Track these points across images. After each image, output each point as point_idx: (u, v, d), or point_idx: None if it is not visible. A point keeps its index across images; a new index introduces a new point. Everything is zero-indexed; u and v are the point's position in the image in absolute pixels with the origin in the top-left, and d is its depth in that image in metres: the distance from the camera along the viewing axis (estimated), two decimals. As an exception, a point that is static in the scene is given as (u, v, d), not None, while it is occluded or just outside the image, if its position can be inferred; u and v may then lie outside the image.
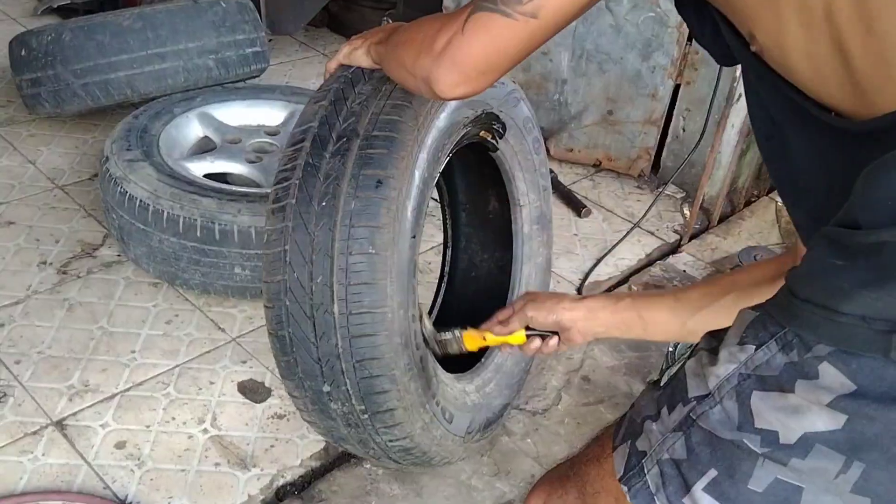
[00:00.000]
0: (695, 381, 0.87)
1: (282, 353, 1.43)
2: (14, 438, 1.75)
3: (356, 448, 1.59)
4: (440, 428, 1.59)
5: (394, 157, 1.35)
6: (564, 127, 3.03)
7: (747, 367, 0.81)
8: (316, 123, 1.39)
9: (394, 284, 1.36)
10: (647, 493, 0.89)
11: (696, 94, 2.82)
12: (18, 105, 2.95)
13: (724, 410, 0.82)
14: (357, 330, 1.35)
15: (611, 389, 2.13)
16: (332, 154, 1.35)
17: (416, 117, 1.38)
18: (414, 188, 1.39)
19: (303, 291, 1.35)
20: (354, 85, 1.41)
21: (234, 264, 2.08)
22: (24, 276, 2.20)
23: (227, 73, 2.80)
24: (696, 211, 2.75)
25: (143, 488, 1.68)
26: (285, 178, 1.37)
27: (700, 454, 0.84)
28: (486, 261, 2.04)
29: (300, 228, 1.34)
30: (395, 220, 1.35)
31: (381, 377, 1.39)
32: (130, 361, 1.98)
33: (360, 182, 1.33)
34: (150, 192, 2.08)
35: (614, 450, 0.96)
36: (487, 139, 1.71)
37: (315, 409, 1.49)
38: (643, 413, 0.94)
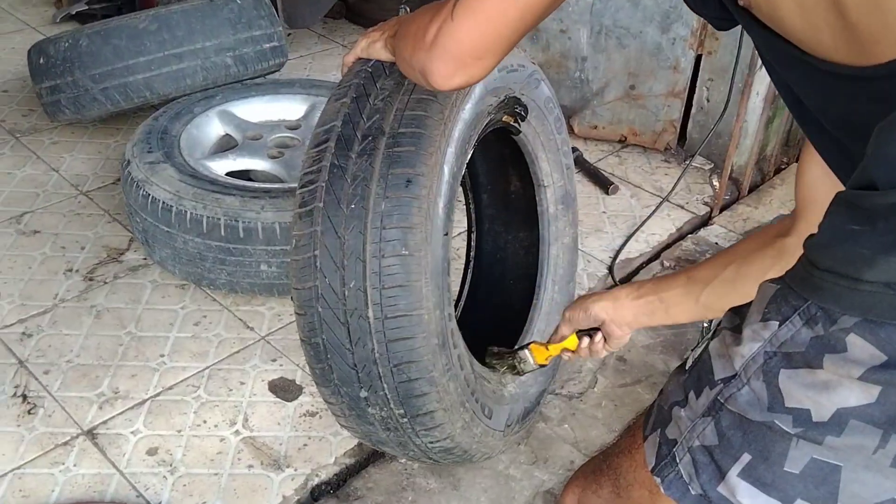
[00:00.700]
0: (720, 362, 0.84)
1: (316, 360, 1.40)
2: (45, 450, 1.75)
3: (395, 450, 1.58)
4: (480, 425, 1.56)
5: (422, 154, 1.31)
6: (587, 104, 2.97)
7: (772, 344, 0.78)
8: (339, 122, 1.35)
9: (429, 285, 1.33)
10: (680, 483, 0.87)
11: (718, 64, 2.75)
12: (40, 114, 2.96)
13: (753, 391, 0.79)
14: (393, 334, 1.33)
15: (647, 369, 2.09)
16: (359, 154, 1.32)
17: (442, 111, 1.35)
18: (444, 184, 1.36)
19: (335, 297, 1.32)
20: (376, 80, 1.37)
21: (259, 262, 2.06)
22: (50, 285, 2.21)
23: (246, 69, 2.78)
24: (725, 182, 2.69)
25: (177, 494, 1.67)
26: (311, 181, 1.34)
27: (732, 439, 0.82)
28: (511, 242, 2.02)
29: (329, 232, 1.31)
30: (426, 219, 1.32)
31: (419, 380, 1.37)
32: (160, 366, 1.98)
33: (390, 182, 1.30)
34: (173, 193, 2.07)
35: (644, 440, 0.94)
36: (511, 123, 1.67)
37: (352, 414, 1.47)
38: (671, 399, 0.91)
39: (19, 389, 1.88)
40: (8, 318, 2.09)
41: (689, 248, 2.55)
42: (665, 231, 2.61)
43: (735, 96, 2.65)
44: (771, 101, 2.66)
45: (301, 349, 2.00)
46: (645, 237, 2.58)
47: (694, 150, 2.87)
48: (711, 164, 2.91)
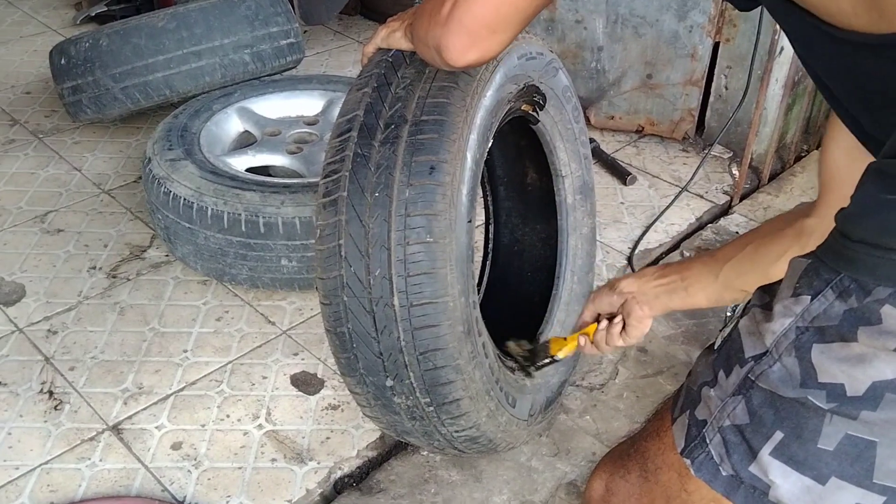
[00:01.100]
0: (750, 339, 0.83)
1: (341, 349, 1.40)
2: (71, 445, 1.77)
3: (420, 440, 1.57)
4: (505, 413, 1.56)
5: (445, 141, 1.31)
6: (604, 94, 2.96)
7: (804, 319, 0.76)
8: (361, 112, 1.35)
9: (454, 272, 1.33)
10: (711, 465, 0.85)
11: (736, 51, 2.73)
12: (62, 114, 2.99)
13: (785, 368, 0.78)
14: (419, 322, 1.32)
15: (669, 360, 2.08)
16: (382, 142, 1.32)
17: (464, 98, 1.34)
18: (467, 171, 1.36)
19: (361, 286, 1.32)
20: (396, 69, 1.37)
21: (280, 256, 2.08)
22: (75, 283, 2.24)
23: (264, 66, 2.79)
24: (745, 170, 2.67)
25: (201, 488, 1.69)
26: (334, 171, 1.34)
27: (763, 417, 0.80)
28: (528, 234, 2.01)
29: (354, 221, 1.31)
30: (450, 205, 1.31)
31: (445, 368, 1.36)
32: (183, 361, 2.00)
33: (413, 169, 1.29)
34: (194, 189, 2.09)
35: (673, 422, 0.92)
36: (529, 112, 1.67)
37: (378, 404, 1.47)
38: (699, 380, 0.90)
39: (46, 386, 1.91)
40: (34, 316, 2.11)
41: (709, 237, 2.54)
42: (684, 221, 2.60)
43: (754, 84, 2.63)
44: (791, 88, 2.63)
45: (323, 342, 2.03)
46: (664, 227, 2.56)
47: (712, 139, 2.85)
48: (730, 152, 2.89)
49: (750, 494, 0.82)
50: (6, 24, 3.86)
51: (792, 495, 0.80)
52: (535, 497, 1.73)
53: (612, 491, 1.04)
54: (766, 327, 0.80)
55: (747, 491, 0.82)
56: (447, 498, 1.70)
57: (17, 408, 1.85)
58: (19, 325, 2.08)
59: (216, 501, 1.66)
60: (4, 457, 1.74)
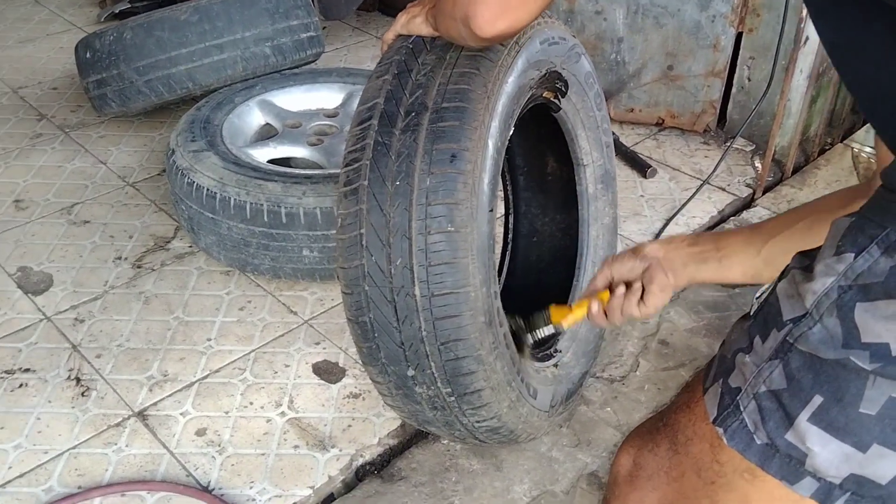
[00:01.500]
0: (789, 302, 0.79)
1: (363, 339, 1.40)
2: (98, 431, 1.80)
3: (441, 430, 1.57)
4: (526, 405, 1.56)
5: (466, 129, 1.30)
6: (623, 87, 2.95)
7: (847, 277, 0.73)
8: (382, 99, 1.34)
9: (475, 262, 1.32)
10: (744, 433, 0.82)
11: (759, 41, 2.71)
12: (88, 109, 3.03)
13: (826, 328, 0.74)
14: (440, 311, 1.32)
15: (691, 352, 2.08)
16: (402, 130, 1.31)
17: (485, 84, 1.33)
18: (488, 159, 1.35)
19: (382, 275, 1.32)
20: (417, 56, 1.36)
21: (301, 247, 2.09)
22: (101, 272, 2.26)
23: (284, 59, 2.81)
24: (768, 163, 2.66)
25: (225, 474, 1.71)
26: (355, 160, 1.33)
27: (802, 381, 0.76)
28: (548, 224, 2.01)
29: (375, 210, 1.30)
30: (472, 194, 1.30)
31: (466, 358, 1.36)
32: (207, 349, 2.02)
33: (434, 157, 1.29)
34: (217, 180, 2.11)
35: (705, 392, 0.89)
36: (551, 100, 1.66)
37: (399, 393, 1.47)
38: (734, 347, 0.86)
39: (73, 373, 1.94)
40: (61, 305, 2.15)
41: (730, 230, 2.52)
42: (706, 214, 2.59)
43: (778, 74, 2.62)
44: (815, 79, 2.61)
45: (344, 332, 2.04)
46: (685, 220, 2.55)
47: (735, 132, 2.84)
48: (753, 145, 2.87)
49: (785, 464, 0.79)
50: (33, 22, 3.91)
51: (830, 464, 0.76)
52: (556, 487, 1.73)
53: (639, 465, 1.01)
54: (806, 287, 0.77)
55: (782, 460, 0.79)
56: (468, 487, 1.71)
57: (45, 394, 1.88)
58: (47, 314, 2.12)
59: (240, 487, 1.68)
60: (34, 441, 1.77)
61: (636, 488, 1.02)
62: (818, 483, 0.78)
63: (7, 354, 1.99)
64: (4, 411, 1.83)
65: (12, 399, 1.86)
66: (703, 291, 2.27)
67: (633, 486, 1.02)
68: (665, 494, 0.97)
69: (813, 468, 0.78)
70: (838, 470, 0.77)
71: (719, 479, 0.88)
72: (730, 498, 0.88)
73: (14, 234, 2.41)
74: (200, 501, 1.64)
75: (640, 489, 1.01)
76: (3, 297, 2.17)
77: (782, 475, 0.80)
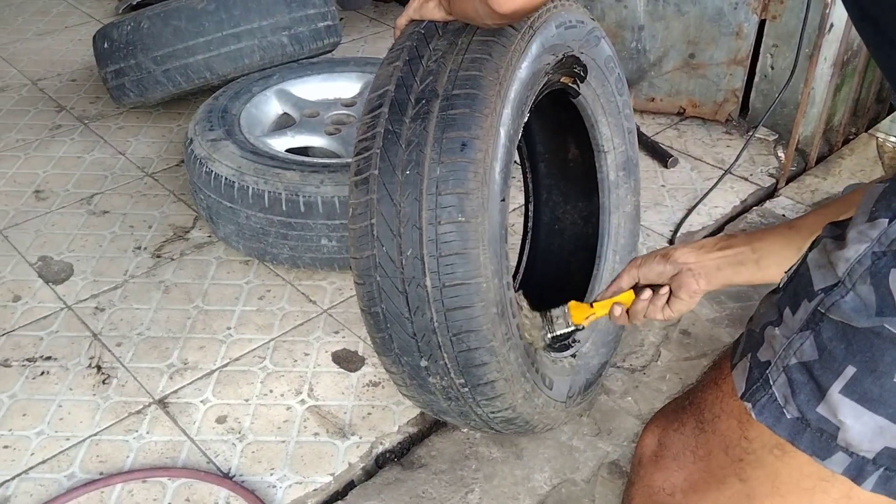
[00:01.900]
0: (820, 272, 0.76)
1: (376, 329, 1.39)
2: (119, 418, 1.80)
3: (456, 420, 1.56)
4: (541, 395, 1.54)
5: (477, 116, 1.27)
6: (644, 75, 2.93)
7: (881, 243, 0.71)
8: (392, 87, 1.32)
9: (486, 252, 1.30)
10: (774, 407, 0.79)
11: (783, 29, 2.67)
12: (106, 100, 3.04)
13: (859, 297, 0.72)
14: (452, 303, 1.30)
15: (713, 342, 2.06)
16: (413, 118, 1.29)
17: (497, 70, 1.30)
18: (500, 147, 1.32)
19: (393, 266, 1.30)
20: (428, 41, 1.34)
21: (320, 236, 2.09)
22: (120, 262, 2.27)
23: (302, 48, 2.80)
24: (791, 152, 2.62)
25: (246, 461, 1.71)
26: (366, 148, 1.32)
27: (834, 351, 0.74)
28: (570, 212, 1.98)
29: (385, 200, 1.28)
30: (483, 183, 1.28)
31: (479, 349, 1.34)
32: (226, 338, 2.02)
33: (444, 146, 1.26)
34: (235, 169, 2.11)
35: (733, 368, 0.86)
36: (569, 85, 1.63)
37: (413, 383, 1.45)
38: (763, 321, 0.84)
39: (94, 361, 1.94)
40: (82, 294, 2.15)
41: (754, 220, 2.50)
42: (728, 203, 2.56)
43: (802, 62, 2.58)
44: (840, 68, 2.57)
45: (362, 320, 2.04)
46: (707, 210, 2.53)
47: (757, 121, 2.80)
48: (776, 134, 2.84)
49: (816, 438, 0.77)
50: (51, 14, 3.93)
51: (863, 437, 0.74)
52: (577, 476, 1.72)
53: (664, 445, 0.99)
54: (838, 255, 0.75)
55: (813, 435, 0.77)
56: (488, 475, 1.70)
57: (66, 382, 1.88)
58: (68, 303, 2.12)
59: (260, 473, 1.68)
60: (56, 428, 1.77)
61: (661, 468, 0.99)
62: (850, 458, 0.76)
63: (29, 343, 1.99)
64: (26, 399, 1.84)
65: (34, 387, 1.87)
66: (725, 281, 2.25)
67: (658, 466, 1.00)
68: (691, 474, 0.95)
69: (845, 442, 0.76)
70: (871, 444, 0.74)
71: (748, 455, 0.86)
72: (758, 475, 0.85)
73: (34, 224, 2.42)
74: (221, 488, 1.64)
75: (665, 469, 0.99)
76: (25, 286, 2.18)
77: (813, 450, 0.78)
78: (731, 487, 0.89)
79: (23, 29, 3.77)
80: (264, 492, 1.64)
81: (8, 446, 1.73)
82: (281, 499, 1.63)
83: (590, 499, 1.67)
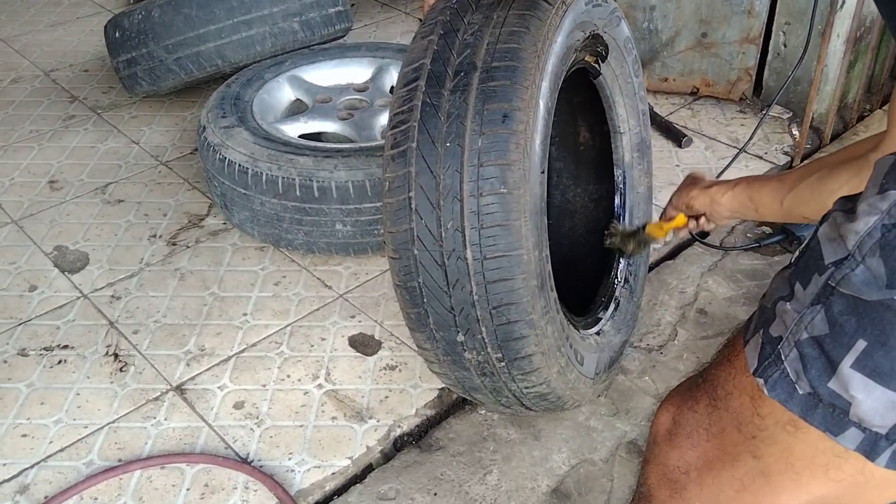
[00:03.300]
0: (831, 245, 0.76)
1: (412, 304, 1.38)
2: (137, 405, 1.81)
3: (487, 397, 1.55)
4: (574, 371, 1.53)
5: (517, 88, 1.27)
6: (657, 56, 2.90)
7: (891, 216, 0.71)
8: (428, 60, 1.32)
9: (528, 224, 1.29)
10: (786, 383, 0.79)
11: (795, 6, 2.65)
12: (119, 90, 3.04)
13: (869, 269, 0.72)
14: (493, 275, 1.29)
15: (730, 321, 2.05)
16: (451, 91, 1.28)
17: (535, 43, 1.30)
18: (540, 119, 1.31)
19: (432, 239, 1.30)
20: (462, 15, 1.34)
21: (335, 221, 2.09)
22: (136, 250, 2.28)
23: (313, 34, 2.79)
24: (805, 130, 2.60)
25: (264, 446, 1.71)
26: (402, 121, 1.31)
27: (845, 325, 0.74)
28: (580, 195, 1.98)
29: (424, 172, 1.28)
30: (524, 155, 1.27)
31: (518, 322, 1.33)
32: (243, 324, 2.02)
33: (486, 118, 1.26)
34: (248, 155, 2.11)
35: (745, 345, 0.86)
36: (591, 64, 1.63)
37: (447, 360, 1.45)
38: (774, 296, 0.83)
39: (111, 349, 1.95)
40: (98, 282, 2.16)
41: (768, 198, 2.48)
42: (743, 182, 2.54)
43: (815, 40, 2.55)
44: (853, 44, 2.55)
45: (379, 305, 2.04)
46: (722, 189, 2.51)
47: (771, 99, 2.77)
48: (790, 112, 2.82)
49: (829, 414, 0.76)
50: (63, 6, 3.93)
51: (875, 412, 0.73)
52: (595, 455, 1.71)
53: (678, 423, 0.99)
54: (848, 228, 0.74)
55: (826, 410, 0.76)
56: (506, 455, 1.70)
57: (84, 370, 1.89)
58: (84, 292, 2.13)
59: (279, 458, 1.68)
60: (74, 416, 1.78)
61: (675, 446, 1.00)
62: (863, 434, 0.75)
63: (45, 332, 2.01)
64: (44, 387, 1.85)
65: (51, 375, 1.88)
66: (741, 260, 2.24)
67: (673, 444, 1.00)
68: (705, 451, 0.95)
69: (857, 418, 0.75)
70: (884, 419, 0.74)
71: (761, 432, 0.85)
72: (772, 452, 0.85)
73: (49, 214, 2.43)
74: (240, 473, 1.64)
75: (680, 447, 0.99)
76: (41, 275, 2.19)
77: (826, 426, 0.77)
78: (745, 464, 0.89)
79: (34, 20, 3.77)
80: (283, 476, 1.65)
81: (26, 435, 1.74)
82: (300, 483, 1.64)
83: (608, 478, 1.67)
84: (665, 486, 1.01)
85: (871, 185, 0.74)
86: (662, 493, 1.02)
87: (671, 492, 1.00)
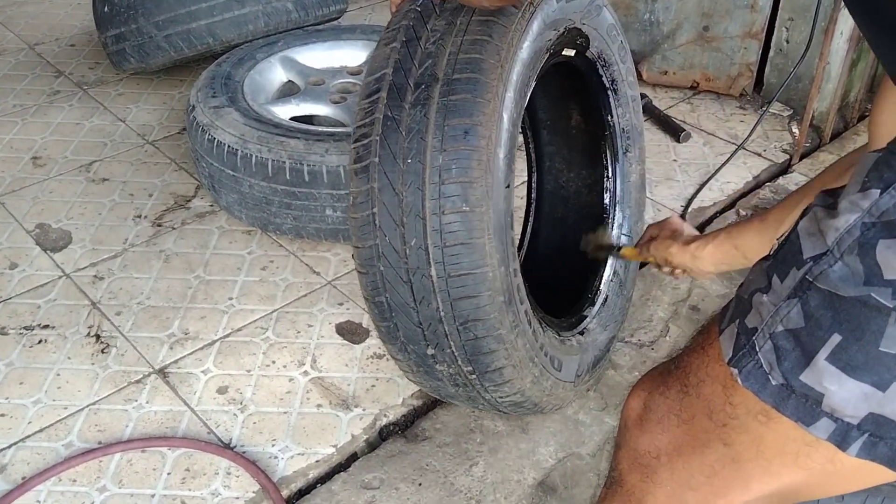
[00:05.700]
0: (810, 240, 0.76)
1: (381, 318, 1.37)
2: (119, 387, 1.77)
3: (465, 404, 1.55)
4: (550, 378, 1.52)
5: (479, 102, 1.24)
6: (657, 48, 2.87)
7: (871, 214, 0.71)
8: (390, 70, 1.28)
9: (492, 241, 1.27)
10: (759, 374, 0.79)
11: (798, 2, 2.62)
12: (106, 66, 2.98)
13: (847, 266, 0.72)
14: (458, 292, 1.28)
15: (722, 318, 2.02)
16: (412, 104, 1.25)
17: (498, 52, 1.26)
18: (503, 133, 1.28)
19: (397, 256, 1.28)
20: (426, 21, 1.29)
21: (324, 206, 2.04)
22: (120, 230, 2.23)
23: (307, 15, 2.74)
24: (805, 128, 2.58)
25: (247, 431, 1.68)
26: (364, 135, 1.28)
27: (821, 319, 0.74)
28: (573, 180, 1.94)
29: (387, 189, 1.25)
30: (486, 171, 1.25)
31: (486, 338, 1.32)
32: (228, 308, 1.98)
33: (447, 133, 1.23)
34: (238, 136, 2.06)
35: (720, 334, 0.86)
36: (572, 56, 1.60)
37: (420, 371, 1.44)
38: (751, 287, 0.83)
39: (93, 330, 1.90)
40: (80, 262, 2.11)
41: (766, 196, 2.45)
42: (741, 179, 2.51)
43: (817, 36, 2.52)
44: (856, 42, 2.52)
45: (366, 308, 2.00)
46: (719, 185, 2.48)
47: (772, 96, 2.74)
48: (790, 110, 2.79)
49: (801, 404, 0.77)
50: (51, -22, 3.86)
51: (847, 403, 0.74)
52: (583, 450, 1.69)
53: (649, 408, 0.99)
54: (828, 224, 0.75)
55: (798, 401, 0.77)
56: (493, 448, 1.67)
57: (65, 350, 1.85)
58: (66, 271, 2.08)
59: (262, 444, 1.65)
60: (53, 397, 1.74)
61: (646, 431, 0.99)
62: (835, 424, 0.75)
63: (26, 311, 1.96)
64: (23, 367, 1.81)
65: (31, 355, 1.84)
66: (736, 257, 2.21)
67: (643, 429, 1.00)
68: (675, 437, 0.95)
69: (830, 408, 0.75)
70: (856, 409, 0.74)
71: (732, 420, 0.86)
72: (742, 440, 0.86)
73: (32, 191, 2.38)
74: (222, 458, 1.61)
75: (650, 432, 0.99)
76: (22, 253, 2.14)
77: (798, 416, 0.78)
78: (715, 451, 0.90)
79: (22, -7, 3.71)
80: (266, 462, 1.61)
81: (5, 414, 1.70)
82: (283, 470, 1.60)
83: (595, 473, 1.65)
84: (636, 470, 1.01)
85: (853, 182, 0.75)
86: (633, 477, 1.01)
87: (642, 476, 1.00)
